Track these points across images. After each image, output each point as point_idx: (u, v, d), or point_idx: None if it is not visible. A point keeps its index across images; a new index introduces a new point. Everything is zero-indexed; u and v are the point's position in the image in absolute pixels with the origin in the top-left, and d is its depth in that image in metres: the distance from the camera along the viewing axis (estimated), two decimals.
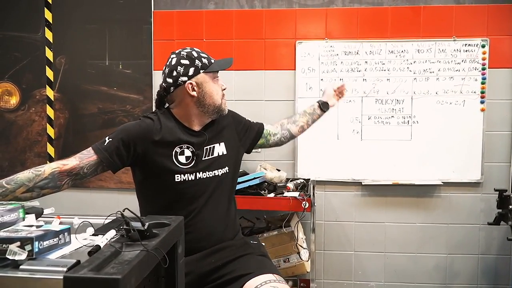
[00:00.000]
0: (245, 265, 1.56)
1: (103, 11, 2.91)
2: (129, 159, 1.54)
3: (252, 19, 2.86)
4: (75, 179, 1.47)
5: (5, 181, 1.36)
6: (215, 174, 1.63)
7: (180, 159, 1.58)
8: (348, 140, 2.81)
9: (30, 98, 2.98)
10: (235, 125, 1.76)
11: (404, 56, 2.77)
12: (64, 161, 1.47)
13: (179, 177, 1.57)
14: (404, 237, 2.86)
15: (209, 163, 1.62)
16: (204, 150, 1.62)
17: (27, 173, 1.41)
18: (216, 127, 1.69)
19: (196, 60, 1.61)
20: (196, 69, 1.60)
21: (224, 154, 1.67)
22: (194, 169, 1.59)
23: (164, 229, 1.12)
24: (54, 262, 0.84)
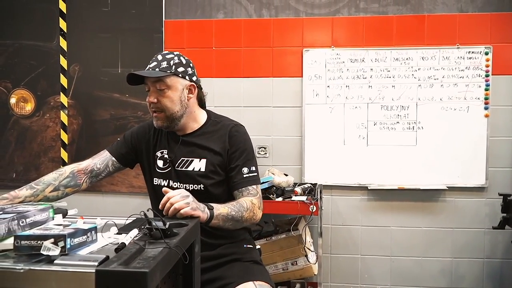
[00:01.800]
0: (228, 273, 1.55)
1: (115, 21, 3.00)
2: (131, 154, 1.69)
3: (260, 28, 2.93)
4: (91, 176, 1.64)
5: (34, 183, 1.51)
6: (186, 187, 1.58)
7: (159, 163, 1.64)
8: (354, 145, 2.87)
9: (45, 105, 3.07)
10: (230, 149, 1.61)
11: (408, 64, 2.83)
12: (79, 162, 1.67)
13: (156, 180, 1.64)
14: (410, 241, 2.91)
15: (182, 174, 1.60)
16: (180, 160, 1.61)
17: (51, 174, 1.58)
18: (207, 141, 1.62)
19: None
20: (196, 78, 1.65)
21: (201, 171, 1.58)
22: (168, 177, 1.62)
23: (183, 229, 1.18)
24: (85, 257, 0.91)
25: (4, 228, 0.95)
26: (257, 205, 1.58)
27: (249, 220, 1.55)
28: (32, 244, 0.91)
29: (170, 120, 1.57)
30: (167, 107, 1.54)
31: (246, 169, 1.60)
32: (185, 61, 1.60)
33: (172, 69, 1.54)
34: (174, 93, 1.55)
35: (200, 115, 1.67)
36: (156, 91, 1.54)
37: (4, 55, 3.08)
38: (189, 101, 1.60)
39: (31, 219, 1.03)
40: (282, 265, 2.63)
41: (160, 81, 1.52)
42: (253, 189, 1.60)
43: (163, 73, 1.52)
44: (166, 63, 1.54)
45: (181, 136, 1.64)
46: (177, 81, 1.55)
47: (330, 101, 2.88)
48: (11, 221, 0.97)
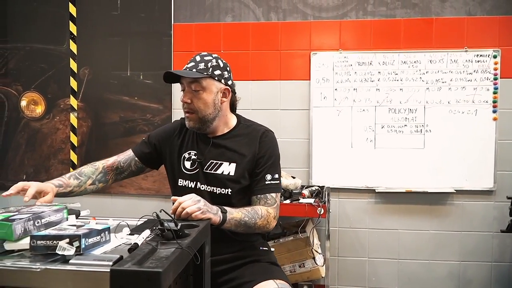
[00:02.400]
0: (249, 272, 1.56)
1: (125, 25, 3.03)
2: (153, 155, 1.71)
3: (268, 31, 2.95)
4: (116, 173, 1.69)
5: (77, 174, 1.60)
6: (213, 190, 1.59)
7: (186, 164, 1.64)
8: (362, 148, 2.88)
9: (55, 107, 3.11)
10: (258, 153, 1.60)
11: (416, 67, 2.83)
12: (106, 159, 1.71)
13: (182, 181, 1.64)
14: (418, 244, 2.90)
15: (210, 177, 1.59)
16: (209, 162, 1.60)
17: (88, 167, 1.65)
18: (237, 144, 1.62)
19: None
20: (232, 82, 1.66)
21: (230, 175, 1.58)
22: (195, 178, 1.61)
23: (194, 230, 1.20)
24: (99, 257, 0.93)
25: (21, 228, 0.97)
26: (272, 214, 1.58)
27: (262, 228, 1.56)
28: (47, 244, 0.93)
29: (202, 122, 1.58)
30: (200, 108, 1.56)
31: (270, 176, 1.60)
32: (222, 65, 1.60)
33: (209, 71, 1.54)
34: (208, 96, 1.55)
35: (231, 119, 1.68)
36: (191, 92, 1.55)
37: (16, 58, 3.12)
38: (222, 104, 1.60)
39: (46, 219, 1.05)
40: (290, 267, 2.63)
41: (195, 82, 1.53)
42: (271, 198, 1.60)
43: (199, 75, 1.52)
44: (203, 64, 1.55)
45: (211, 138, 1.63)
46: (212, 83, 1.56)
47: (338, 104, 2.89)
48: (27, 221, 0.99)
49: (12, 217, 1.00)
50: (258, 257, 1.63)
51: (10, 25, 3.12)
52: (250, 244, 1.66)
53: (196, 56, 1.59)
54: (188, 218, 1.33)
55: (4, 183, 3.13)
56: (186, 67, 1.57)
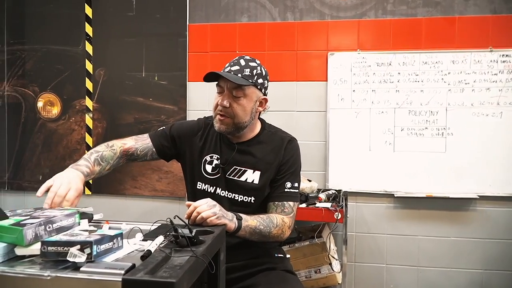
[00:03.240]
0: (264, 281, 1.51)
1: (140, 26, 3.02)
2: (171, 150, 1.63)
3: (285, 31, 2.90)
4: (129, 159, 1.61)
5: (100, 158, 1.50)
6: (235, 197, 1.54)
7: (207, 168, 1.58)
8: (380, 151, 2.80)
9: (70, 108, 3.10)
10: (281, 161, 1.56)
11: (438, 67, 2.75)
12: (123, 140, 1.62)
13: (200, 185, 1.58)
14: (438, 251, 2.81)
15: (232, 183, 1.54)
16: (232, 168, 1.55)
17: (108, 151, 1.55)
18: (262, 152, 1.56)
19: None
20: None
21: (254, 183, 1.53)
22: (215, 183, 1.56)
23: (209, 236, 1.15)
24: (111, 265, 0.89)
25: (32, 234, 0.94)
26: (287, 224, 1.53)
27: (276, 237, 1.51)
28: (58, 250, 0.90)
29: (235, 128, 1.52)
30: (238, 115, 1.49)
31: (290, 184, 1.55)
32: (264, 73, 1.55)
33: (254, 79, 1.49)
34: (248, 103, 1.50)
35: (256, 124, 1.63)
36: (231, 96, 1.49)
37: (33, 60, 3.13)
38: (257, 113, 1.56)
39: (58, 224, 1.01)
40: (305, 272, 2.57)
41: (239, 88, 1.47)
42: (289, 207, 1.55)
43: (245, 82, 1.46)
44: (249, 71, 1.49)
45: (236, 143, 1.57)
46: (254, 92, 1.51)
47: (356, 105, 2.82)
48: (38, 226, 0.96)
49: (23, 222, 0.97)
50: (274, 265, 1.58)
51: (27, 27, 3.14)
52: (265, 250, 1.61)
53: (241, 60, 1.52)
54: (203, 223, 1.28)
55: (21, 184, 3.15)
56: (230, 70, 1.49)
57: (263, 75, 1.54)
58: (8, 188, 3.16)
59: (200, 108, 2.95)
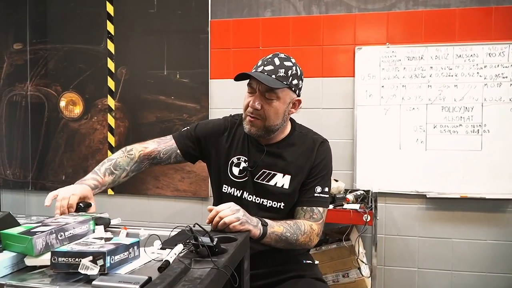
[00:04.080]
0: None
1: (162, 23, 2.96)
2: (196, 151, 1.55)
3: (310, 25, 2.79)
4: (152, 163, 1.54)
5: (112, 167, 1.44)
6: (263, 202, 1.45)
7: (234, 171, 1.49)
8: (412, 150, 2.66)
9: (93, 108, 3.08)
10: (312, 164, 1.47)
11: (473, 61, 2.59)
12: (144, 144, 1.55)
13: (226, 188, 1.50)
14: (473, 255, 2.66)
15: (260, 188, 1.45)
16: (261, 171, 1.46)
17: (123, 157, 1.48)
18: (292, 155, 1.47)
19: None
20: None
21: (284, 188, 1.44)
22: (242, 187, 1.47)
23: (232, 245, 1.07)
24: (126, 279, 0.82)
25: (42, 243, 0.88)
26: (316, 231, 1.43)
27: (303, 245, 1.41)
28: (69, 261, 0.83)
29: (266, 131, 1.42)
30: (270, 118, 1.40)
31: (320, 188, 1.46)
32: (299, 73, 1.44)
33: (289, 81, 1.38)
34: (281, 106, 1.40)
35: (287, 125, 1.53)
36: (263, 98, 1.39)
37: (55, 59, 3.12)
38: (289, 115, 1.47)
39: (70, 232, 0.95)
40: (333, 277, 2.47)
41: (272, 90, 1.37)
42: (318, 213, 1.45)
43: (280, 84, 1.36)
44: (284, 71, 1.38)
45: (265, 145, 1.48)
46: (288, 94, 1.41)
47: (385, 102, 2.69)
48: (49, 234, 0.90)
49: (33, 230, 0.91)
50: (302, 272, 1.49)
51: (49, 26, 3.13)
52: (292, 257, 1.52)
53: (275, 59, 1.40)
54: (226, 229, 1.20)
55: (44, 184, 3.15)
56: (263, 69, 1.38)
57: (298, 75, 1.42)
58: (32, 188, 3.16)
59: (223, 106, 2.87)
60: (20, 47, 3.16)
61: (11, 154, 3.19)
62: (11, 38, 3.18)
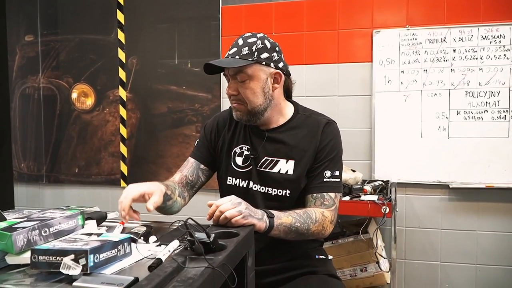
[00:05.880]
0: (304, 287, 1.34)
1: (172, 10, 2.89)
2: (212, 154, 1.48)
3: (325, 9, 2.67)
4: (188, 189, 1.47)
5: (164, 184, 1.32)
6: (268, 191, 1.37)
7: (237, 161, 1.41)
8: (433, 138, 2.53)
9: (104, 99, 3.04)
10: (319, 147, 1.37)
11: (500, 42, 2.43)
12: (172, 178, 1.47)
13: (231, 180, 1.42)
14: (499, 247, 2.52)
15: (264, 176, 1.38)
16: (264, 159, 1.39)
17: (170, 183, 1.39)
18: (295, 138, 1.39)
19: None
20: (284, 63, 1.40)
21: (288, 174, 1.36)
22: (247, 177, 1.39)
23: (232, 240, 0.99)
24: (110, 279, 0.74)
25: (23, 239, 0.81)
26: (329, 218, 1.33)
27: (317, 234, 1.32)
28: (50, 260, 0.76)
29: (251, 114, 1.35)
30: (249, 99, 1.33)
31: (329, 173, 1.35)
32: (270, 45, 1.34)
33: (255, 56, 1.30)
34: (256, 84, 1.32)
35: (286, 108, 1.43)
36: (236, 82, 1.34)
37: (66, 50, 3.09)
38: (274, 91, 1.37)
39: (56, 228, 0.88)
40: (350, 271, 2.37)
41: (240, 71, 1.31)
42: (329, 198, 1.35)
43: (243, 62, 1.29)
44: (247, 49, 1.31)
45: (265, 131, 1.40)
46: (260, 69, 1.32)
47: (405, 88, 2.55)
48: (31, 230, 0.83)
49: (16, 225, 0.85)
50: (315, 268, 1.39)
51: (60, 17, 3.09)
52: (304, 252, 1.42)
53: (238, 39, 1.35)
54: (227, 224, 1.12)
55: (58, 176, 3.14)
56: (228, 54, 1.34)
57: (268, 48, 1.33)
58: (46, 181, 3.16)
59: None
60: (32, 39, 3.14)
61: (25, 148, 3.19)
62: (23, 31, 3.16)
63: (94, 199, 3.02)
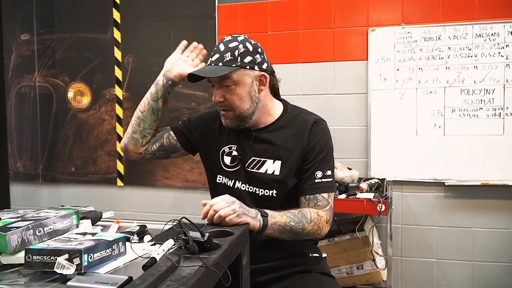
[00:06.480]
0: (298, 285, 1.34)
1: (168, 9, 2.89)
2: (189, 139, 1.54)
3: (320, 7, 2.67)
4: (148, 141, 1.58)
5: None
6: (256, 191, 1.38)
7: (226, 160, 1.43)
8: (429, 135, 2.54)
9: (101, 98, 3.04)
10: (306, 147, 1.37)
11: (494, 40, 2.43)
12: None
13: (221, 178, 1.44)
14: (495, 244, 2.53)
15: (252, 176, 1.38)
16: (251, 159, 1.39)
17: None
18: (282, 138, 1.39)
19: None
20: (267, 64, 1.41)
21: (274, 174, 1.36)
22: (235, 176, 1.40)
23: (227, 239, 1.00)
24: (104, 279, 0.75)
25: (17, 239, 0.82)
26: (324, 218, 1.33)
27: (312, 234, 1.32)
28: (44, 260, 0.77)
29: (240, 119, 1.36)
30: (236, 105, 1.33)
31: (320, 173, 1.35)
32: (252, 48, 1.35)
33: (238, 62, 1.31)
34: (242, 89, 1.33)
35: (274, 107, 1.43)
36: (222, 89, 1.33)
37: (62, 49, 3.09)
38: (260, 94, 1.37)
39: (50, 227, 0.89)
40: (346, 269, 2.39)
41: (226, 77, 1.31)
42: (323, 199, 1.35)
43: (227, 69, 1.29)
44: (230, 54, 1.31)
45: (253, 131, 1.41)
46: (245, 74, 1.32)
47: (400, 86, 2.56)
48: (25, 230, 0.83)
49: (10, 225, 0.85)
50: (308, 266, 1.40)
51: (56, 16, 3.09)
52: (298, 250, 1.43)
53: (220, 45, 1.34)
54: (222, 223, 1.13)
55: (54, 175, 3.13)
56: (210, 61, 1.33)
57: (250, 51, 1.33)
58: (42, 180, 3.16)
59: None
60: (28, 38, 3.14)
61: (21, 146, 3.19)
62: (19, 29, 3.15)
63: (90, 198, 3.02)
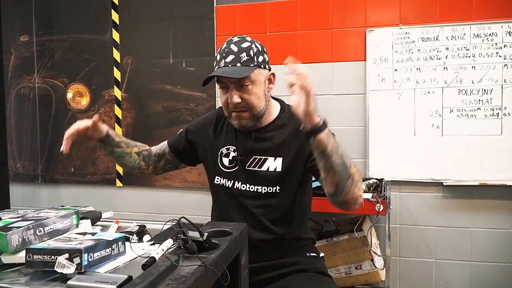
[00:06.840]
0: (295, 284, 1.35)
1: (167, 10, 2.89)
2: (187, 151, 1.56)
3: (318, 8, 2.68)
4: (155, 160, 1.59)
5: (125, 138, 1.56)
6: (258, 190, 1.38)
7: (224, 161, 1.44)
8: (427, 136, 2.54)
9: (99, 99, 3.04)
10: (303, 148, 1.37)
11: (492, 40, 2.44)
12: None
13: (219, 179, 1.45)
14: (494, 244, 2.54)
15: (252, 175, 1.39)
16: (252, 158, 1.40)
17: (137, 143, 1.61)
18: (282, 136, 1.40)
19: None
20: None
21: (277, 171, 1.37)
22: (233, 177, 1.41)
23: (226, 239, 1.00)
24: (104, 278, 0.76)
25: (18, 239, 0.82)
26: (360, 179, 1.24)
27: (351, 185, 1.15)
28: (45, 259, 0.77)
29: (256, 119, 1.37)
30: (254, 105, 1.33)
31: None
32: (260, 47, 1.37)
33: (255, 61, 1.31)
34: (259, 88, 1.33)
35: (273, 106, 1.45)
36: (238, 89, 1.32)
37: (61, 50, 3.09)
38: (269, 92, 1.40)
39: (51, 227, 0.90)
40: (345, 269, 2.39)
41: (244, 77, 1.30)
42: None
43: (249, 69, 1.29)
44: (245, 54, 1.31)
45: (253, 131, 1.41)
46: (260, 73, 1.34)
47: (398, 86, 2.57)
48: (26, 230, 0.84)
49: (11, 225, 0.86)
50: (305, 266, 1.41)
51: (55, 17, 3.09)
52: (295, 249, 1.44)
53: (231, 46, 1.33)
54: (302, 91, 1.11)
55: (53, 176, 3.14)
56: (225, 63, 1.32)
57: (261, 51, 1.36)
58: (41, 180, 3.16)
59: None
60: (27, 39, 3.14)
61: (20, 147, 3.19)
62: (18, 30, 3.16)
63: (90, 198, 3.02)
